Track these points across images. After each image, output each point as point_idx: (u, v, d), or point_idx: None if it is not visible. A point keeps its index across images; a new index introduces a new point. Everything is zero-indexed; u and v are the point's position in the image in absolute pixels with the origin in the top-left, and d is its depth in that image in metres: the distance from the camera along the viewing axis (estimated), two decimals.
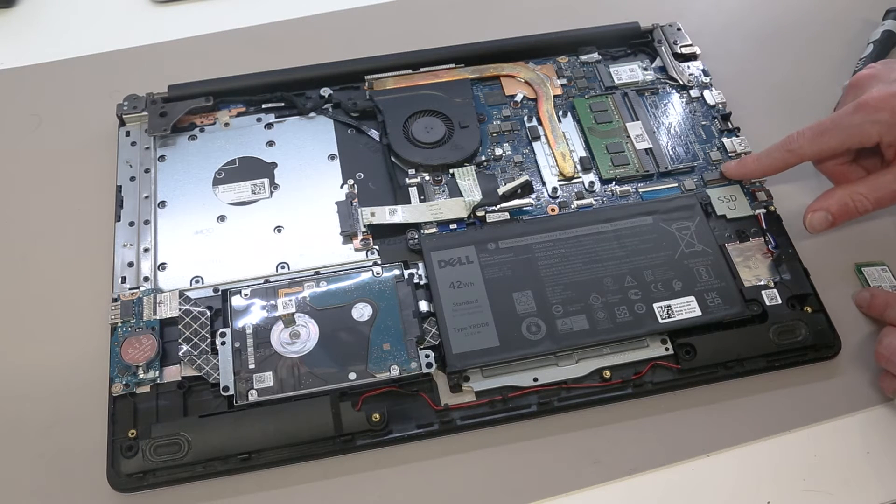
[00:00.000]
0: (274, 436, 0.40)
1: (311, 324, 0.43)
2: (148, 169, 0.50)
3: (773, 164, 0.47)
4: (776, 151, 0.46)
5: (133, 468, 0.39)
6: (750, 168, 0.48)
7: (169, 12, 0.62)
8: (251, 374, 0.42)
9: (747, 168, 0.48)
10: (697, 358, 0.43)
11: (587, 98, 0.54)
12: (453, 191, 0.49)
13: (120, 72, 0.58)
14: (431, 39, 0.57)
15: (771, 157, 0.47)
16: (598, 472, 0.40)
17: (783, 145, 0.46)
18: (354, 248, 0.47)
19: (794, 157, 0.46)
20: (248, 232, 0.48)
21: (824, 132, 0.44)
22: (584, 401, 0.42)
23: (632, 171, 0.50)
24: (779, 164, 0.47)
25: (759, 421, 0.42)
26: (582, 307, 0.44)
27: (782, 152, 0.46)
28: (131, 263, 0.46)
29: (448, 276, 0.45)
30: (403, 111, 0.52)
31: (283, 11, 0.62)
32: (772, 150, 0.47)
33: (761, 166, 0.47)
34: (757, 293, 0.45)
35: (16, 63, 0.59)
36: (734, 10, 0.62)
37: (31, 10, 0.63)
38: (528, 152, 0.51)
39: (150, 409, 0.41)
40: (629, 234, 0.46)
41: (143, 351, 0.42)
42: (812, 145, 0.45)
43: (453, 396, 0.42)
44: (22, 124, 0.55)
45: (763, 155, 0.47)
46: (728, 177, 0.49)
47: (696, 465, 0.41)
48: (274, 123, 0.53)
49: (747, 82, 0.57)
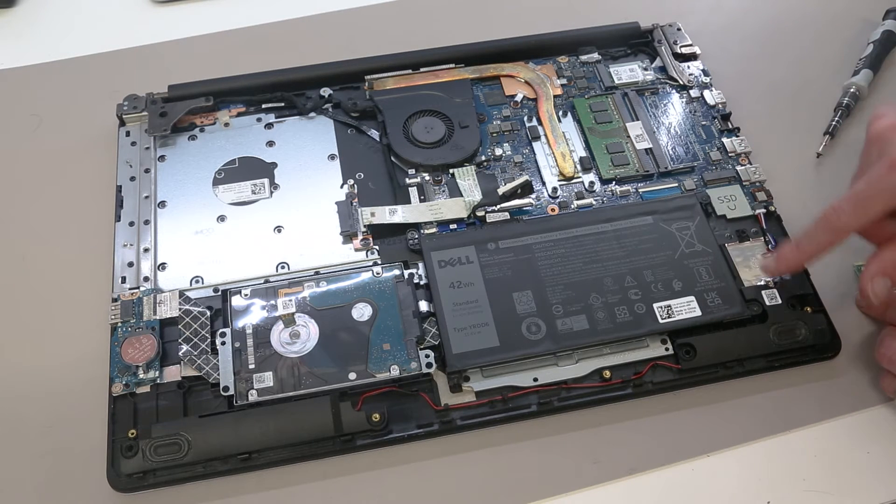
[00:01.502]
0: (274, 436, 0.40)
1: (311, 324, 0.43)
2: (148, 169, 0.50)
3: (819, 247, 0.42)
4: (819, 234, 0.42)
5: (133, 468, 0.39)
6: (793, 260, 0.43)
7: (169, 12, 0.62)
8: (251, 374, 0.42)
9: (790, 261, 0.43)
10: (697, 358, 0.43)
11: (587, 98, 0.54)
12: (453, 191, 0.49)
13: (120, 72, 0.58)
14: (431, 39, 0.57)
15: (815, 241, 0.42)
16: (598, 472, 0.40)
17: (824, 225, 0.41)
18: (354, 248, 0.47)
19: (842, 235, 0.41)
20: (248, 232, 0.48)
21: (865, 201, 0.40)
22: (584, 401, 0.42)
23: (632, 171, 0.50)
24: (825, 246, 0.42)
25: (759, 421, 0.42)
26: (582, 307, 0.44)
27: (826, 234, 0.41)
28: (131, 263, 0.46)
29: (448, 276, 0.45)
30: (403, 111, 0.52)
31: (283, 11, 0.62)
32: (813, 234, 0.42)
33: (805, 254, 0.42)
34: (757, 293, 0.45)
35: (16, 63, 0.59)
36: (734, 10, 0.62)
37: (31, 10, 0.63)
38: (528, 152, 0.52)
39: (150, 409, 0.41)
40: (629, 234, 0.46)
41: (143, 351, 0.42)
42: (856, 217, 0.41)
43: (453, 396, 0.42)
44: (22, 124, 0.55)
45: (803, 241, 0.42)
46: (769, 275, 0.45)
47: (696, 465, 0.41)
48: (274, 123, 0.53)
49: (747, 82, 0.57)
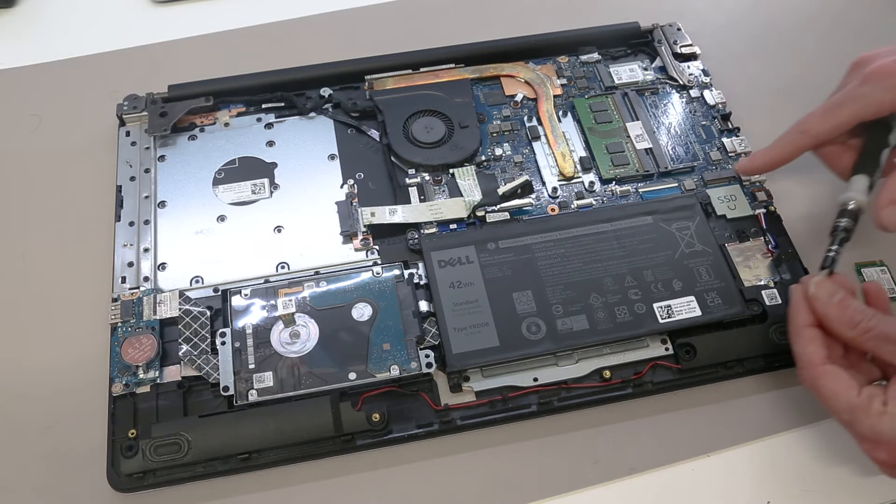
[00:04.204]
0: (274, 436, 0.40)
1: (311, 324, 0.43)
2: (148, 169, 0.50)
3: (786, 149, 0.44)
4: (787, 136, 0.44)
5: (133, 468, 0.39)
6: (761, 160, 0.46)
7: (169, 12, 0.62)
8: (251, 374, 0.42)
9: (759, 160, 0.46)
10: (697, 358, 0.43)
11: (587, 98, 0.54)
12: (453, 191, 0.49)
13: (120, 72, 0.58)
14: (431, 39, 0.57)
15: (782, 142, 0.45)
16: (598, 472, 0.40)
17: (794, 128, 0.44)
18: (354, 248, 0.47)
19: (808, 138, 0.43)
20: (248, 232, 0.48)
21: (836, 107, 0.43)
22: (584, 401, 0.42)
23: (632, 171, 0.50)
24: (791, 148, 0.44)
25: (760, 421, 0.42)
26: (582, 307, 0.44)
27: (794, 135, 0.44)
28: (131, 263, 0.46)
29: (448, 276, 0.45)
30: (403, 111, 0.52)
31: (283, 11, 0.62)
32: (782, 137, 0.45)
33: (774, 155, 0.45)
34: (757, 293, 0.45)
35: (16, 63, 0.59)
36: (734, 10, 0.62)
37: (31, 10, 0.63)
38: (528, 152, 0.52)
39: (150, 409, 0.41)
40: (629, 234, 0.46)
41: (143, 351, 0.42)
42: (824, 122, 0.43)
43: (453, 396, 0.42)
44: (22, 124, 0.55)
45: (777, 142, 0.45)
46: (743, 174, 0.48)
47: (696, 465, 0.41)
48: (274, 123, 0.53)
49: (747, 82, 0.57)
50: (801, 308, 0.40)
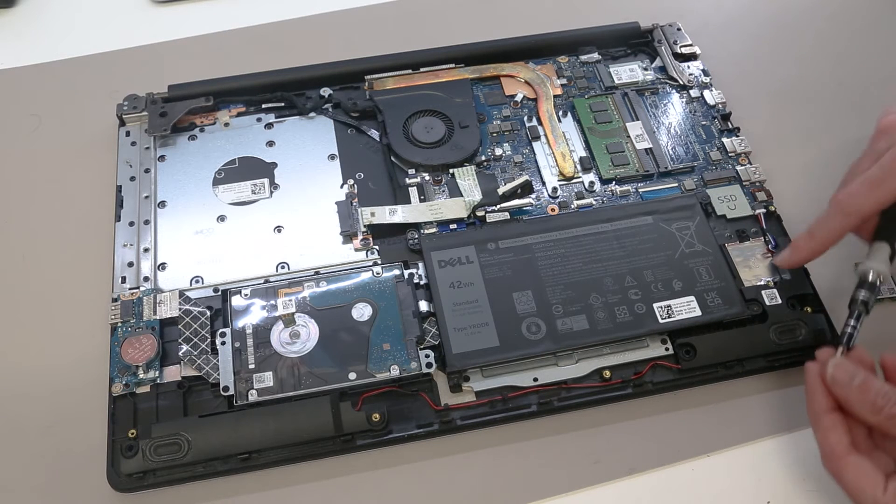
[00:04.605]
0: (274, 436, 0.40)
1: (311, 324, 0.43)
2: (148, 169, 0.50)
3: (831, 235, 0.41)
4: (828, 220, 0.41)
5: (133, 468, 0.39)
6: (805, 252, 0.42)
7: (169, 12, 0.62)
8: (251, 374, 0.42)
9: (803, 253, 0.42)
10: (697, 358, 0.43)
11: (587, 98, 0.54)
12: (453, 191, 0.49)
13: (120, 72, 0.58)
14: (431, 39, 0.57)
15: (825, 228, 0.41)
16: (598, 472, 0.40)
17: (834, 209, 0.41)
18: (354, 248, 0.47)
19: (855, 218, 0.40)
20: (248, 232, 0.48)
21: (879, 183, 0.40)
22: (584, 401, 0.42)
23: (632, 171, 0.50)
24: (837, 234, 0.41)
25: (759, 421, 0.42)
26: (582, 307, 0.44)
27: (837, 218, 0.41)
28: (131, 263, 0.46)
29: (448, 276, 0.45)
30: (403, 111, 0.52)
31: (283, 11, 0.62)
32: (825, 221, 0.41)
33: (818, 244, 0.41)
34: (757, 293, 0.45)
35: (16, 63, 0.59)
36: (734, 10, 0.62)
37: (31, 10, 0.63)
38: (528, 152, 0.52)
39: (150, 409, 0.41)
40: (629, 234, 0.46)
41: (143, 351, 0.42)
42: (870, 200, 0.40)
43: (453, 396, 0.42)
44: (22, 124, 0.55)
45: (816, 229, 0.42)
46: (785, 267, 0.44)
47: (696, 465, 0.41)
48: (274, 123, 0.53)
49: (747, 82, 0.57)
50: (818, 391, 0.38)
